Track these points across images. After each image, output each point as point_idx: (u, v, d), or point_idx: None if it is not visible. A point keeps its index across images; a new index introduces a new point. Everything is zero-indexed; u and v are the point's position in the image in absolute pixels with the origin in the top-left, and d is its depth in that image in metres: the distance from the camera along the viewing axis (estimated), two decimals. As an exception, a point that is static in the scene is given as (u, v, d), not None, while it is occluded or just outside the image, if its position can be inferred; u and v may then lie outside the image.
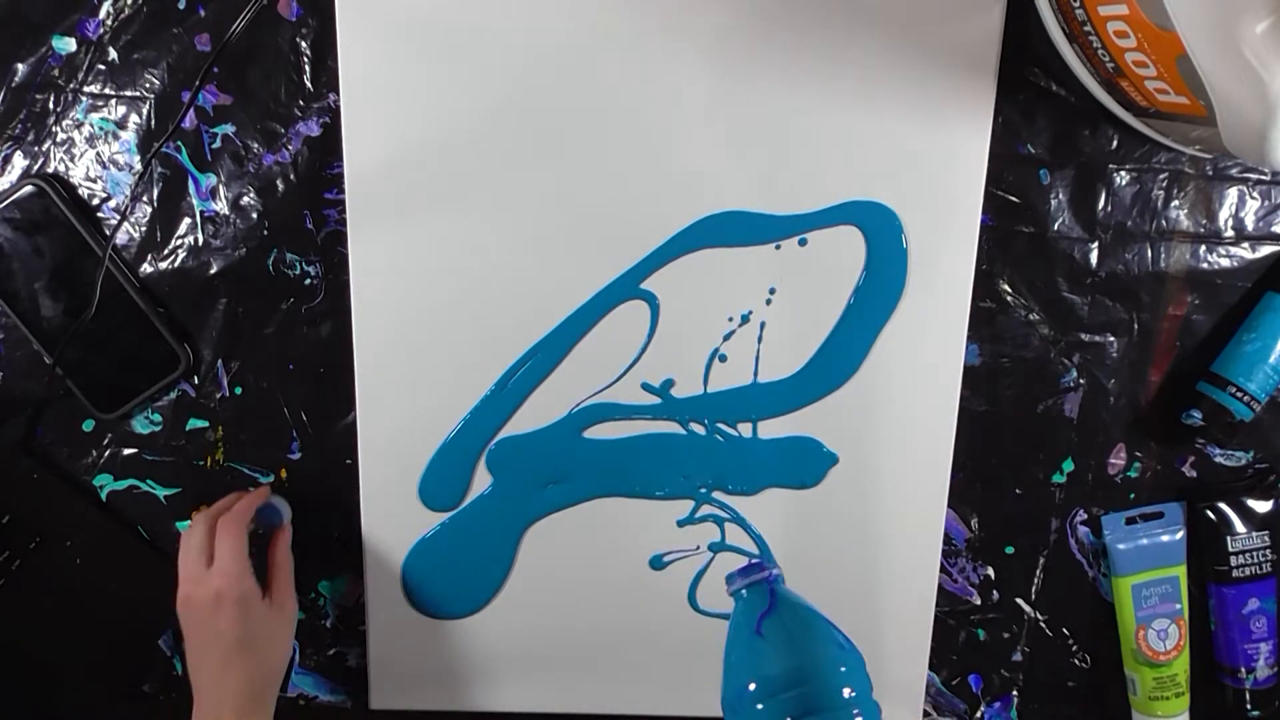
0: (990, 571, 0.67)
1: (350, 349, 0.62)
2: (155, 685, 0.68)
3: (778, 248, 0.61)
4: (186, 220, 0.61)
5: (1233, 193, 0.62)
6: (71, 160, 0.60)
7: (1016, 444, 0.65)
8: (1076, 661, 0.69)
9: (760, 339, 0.62)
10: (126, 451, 0.64)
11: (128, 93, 0.60)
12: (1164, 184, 0.62)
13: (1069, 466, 0.65)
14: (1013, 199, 0.62)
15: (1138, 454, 0.66)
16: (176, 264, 0.62)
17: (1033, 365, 0.64)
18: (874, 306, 0.62)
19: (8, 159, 0.60)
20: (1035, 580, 0.67)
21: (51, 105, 0.60)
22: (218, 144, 0.60)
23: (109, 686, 0.67)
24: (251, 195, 0.61)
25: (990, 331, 0.63)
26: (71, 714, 0.67)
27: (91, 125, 0.60)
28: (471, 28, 0.58)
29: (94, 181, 0.61)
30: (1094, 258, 0.63)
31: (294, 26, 0.59)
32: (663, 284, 0.62)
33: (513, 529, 0.65)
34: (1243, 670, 0.66)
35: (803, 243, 0.61)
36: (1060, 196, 0.62)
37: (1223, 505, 0.65)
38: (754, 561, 0.61)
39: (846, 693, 0.47)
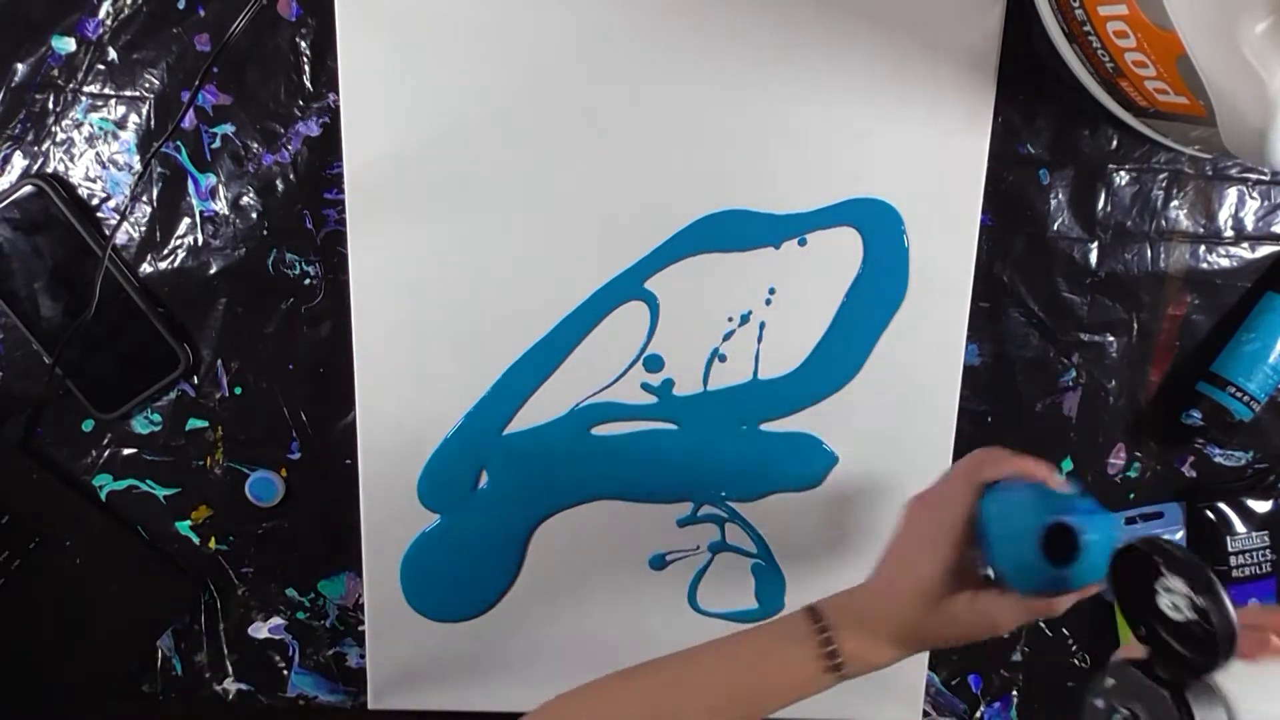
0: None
1: (350, 349, 0.62)
2: (155, 685, 0.68)
3: (777, 248, 0.61)
4: (186, 220, 0.61)
5: (1232, 193, 0.62)
6: (71, 160, 0.60)
7: (1016, 444, 0.64)
8: (1076, 661, 0.69)
9: (760, 339, 0.62)
10: (126, 451, 0.64)
11: (127, 93, 0.60)
12: (1164, 184, 0.62)
13: (1068, 466, 0.65)
14: (1013, 199, 0.62)
15: (1137, 454, 0.65)
16: (176, 264, 0.62)
17: (1032, 365, 0.64)
18: (875, 306, 0.62)
19: (7, 159, 0.60)
20: (1035, 580, 0.67)
21: (51, 105, 0.60)
22: (217, 144, 0.60)
23: (109, 686, 0.67)
24: (251, 195, 0.61)
25: (990, 331, 0.63)
26: (71, 714, 0.66)
27: (91, 125, 0.60)
28: (471, 27, 0.58)
29: (94, 181, 0.61)
30: (1094, 258, 0.63)
31: (294, 26, 0.59)
32: (663, 284, 0.62)
33: (514, 531, 0.65)
34: (1242, 670, 0.66)
35: (802, 243, 0.61)
36: (1060, 196, 0.62)
37: (1222, 505, 0.65)
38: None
39: None
